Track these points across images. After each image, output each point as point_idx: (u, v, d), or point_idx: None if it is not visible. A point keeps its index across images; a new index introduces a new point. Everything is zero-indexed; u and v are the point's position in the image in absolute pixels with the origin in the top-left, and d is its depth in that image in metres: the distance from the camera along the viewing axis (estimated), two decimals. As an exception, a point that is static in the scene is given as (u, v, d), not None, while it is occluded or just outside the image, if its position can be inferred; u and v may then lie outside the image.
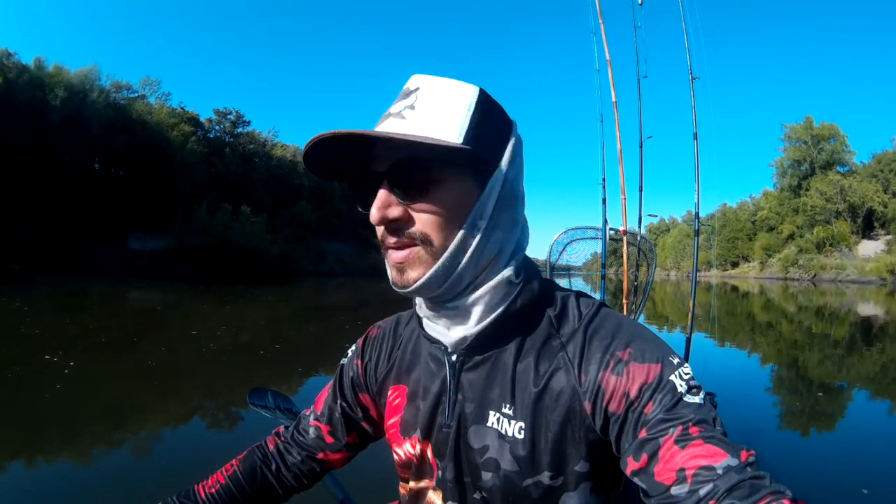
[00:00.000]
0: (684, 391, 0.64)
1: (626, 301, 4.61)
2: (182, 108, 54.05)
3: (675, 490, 0.57)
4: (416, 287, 0.71)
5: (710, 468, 0.56)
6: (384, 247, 0.74)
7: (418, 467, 0.84)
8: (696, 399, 0.64)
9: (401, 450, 0.86)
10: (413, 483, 0.86)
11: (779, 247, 66.65)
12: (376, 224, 0.72)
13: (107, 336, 9.45)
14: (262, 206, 53.79)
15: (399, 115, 0.70)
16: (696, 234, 4.78)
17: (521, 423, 0.72)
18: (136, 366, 6.82)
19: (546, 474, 0.72)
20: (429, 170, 0.69)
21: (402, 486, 0.90)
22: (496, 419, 0.75)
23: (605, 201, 4.72)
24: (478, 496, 0.77)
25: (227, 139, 59.49)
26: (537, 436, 0.72)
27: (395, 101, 0.73)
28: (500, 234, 0.74)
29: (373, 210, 0.70)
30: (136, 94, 49.04)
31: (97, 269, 31.37)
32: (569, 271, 5.22)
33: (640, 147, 5.07)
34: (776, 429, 5.07)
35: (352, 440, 0.98)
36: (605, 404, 0.68)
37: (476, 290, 0.74)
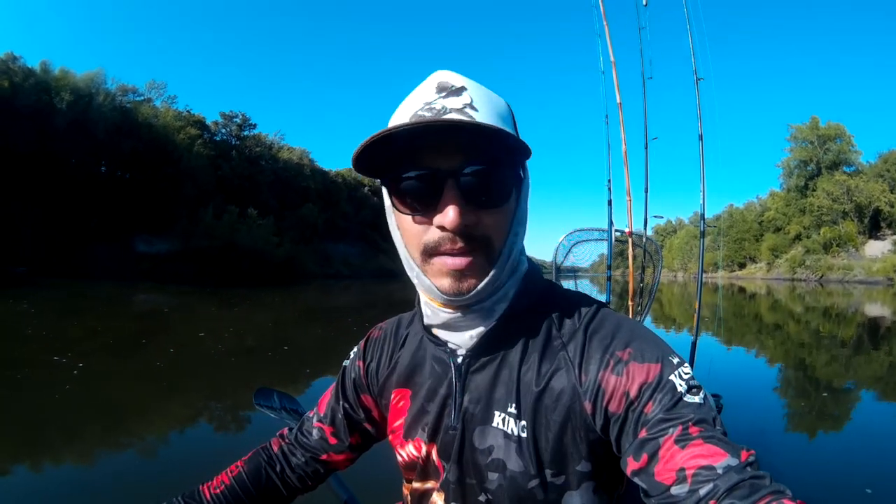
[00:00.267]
0: (684, 391, 0.64)
1: (631, 302, 4.60)
2: (188, 111, 54.13)
3: (675, 490, 0.57)
4: (471, 294, 0.70)
5: (710, 468, 0.56)
6: (437, 252, 0.69)
7: (423, 468, 0.84)
8: (696, 399, 0.64)
9: (404, 451, 0.86)
10: (417, 484, 0.86)
11: (786, 247, 66.35)
12: (453, 231, 0.66)
13: (114, 338, 9.48)
14: (269, 208, 53.69)
15: (462, 111, 0.66)
16: (701, 235, 4.76)
17: (524, 423, 0.73)
18: (145, 367, 6.85)
19: (548, 472, 0.72)
20: (503, 174, 0.68)
21: (406, 487, 0.90)
22: (501, 419, 0.75)
23: (610, 203, 4.70)
24: (483, 498, 0.77)
25: (234, 142, 59.53)
26: (539, 436, 0.72)
27: (440, 97, 0.68)
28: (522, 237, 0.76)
29: (450, 214, 0.65)
30: (142, 98, 49.08)
31: (103, 271, 31.36)
32: (575, 273, 5.21)
33: (646, 148, 5.05)
34: (782, 429, 5.05)
35: (355, 441, 0.98)
36: (605, 404, 0.68)
37: (498, 292, 0.74)
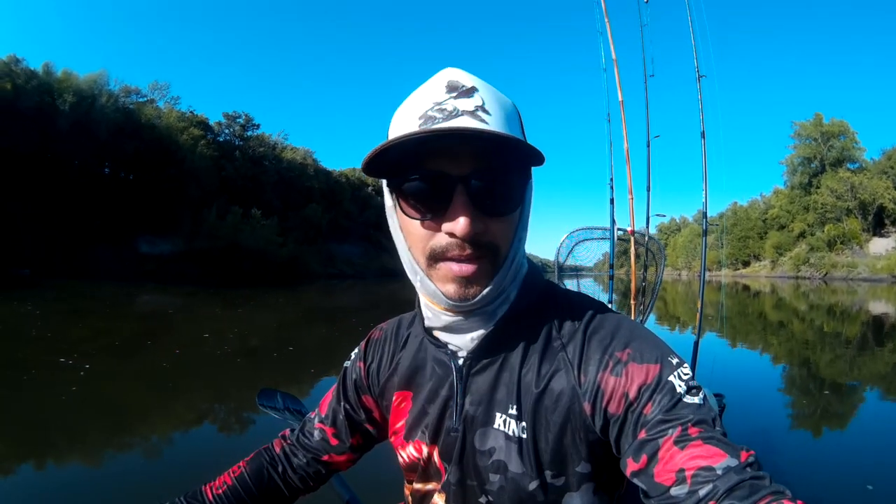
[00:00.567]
0: (683, 392, 0.64)
1: (634, 302, 4.59)
2: (191, 111, 54.13)
3: (674, 491, 0.57)
4: (477, 300, 0.70)
5: (710, 469, 0.56)
6: (444, 258, 0.68)
7: (424, 470, 0.84)
8: (696, 399, 0.64)
9: (405, 452, 0.86)
10: (419, 485, 0.86)
11: (790, 245, 66.05)
12: (462, 238, 0.65)
13: (119, 339, 9.51)
14: (272, 208, 53.83)
15: (474, 114, 0.64)
16: (704, 233, 4.75)
17: (525, 424, 0.73)
18: (150, 368, 6.86)
19: (548, 473, 0.72)
20: (513, 181, 0.68)
21: (407, 488, 0.90)
22: (503, 421, 0.74)
23: (612, 201, 4.69)
24: (483, 500, 0.77)
25: (237, 142, 59.54)
26: (539, 437, 0.72)
27: (450, 97, 0.66)
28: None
29: (461, 222, 0.64)
30: (145, 99, 49.13)
31: (106, 272, 31.37)
32: (578, 272, 5.21)
33: (648, 146, 5.04)
34: (785, 428, 5.03)
35: (356, 442, 0.98)
36: (604, 405, 0.68)
37: (501, 295, 0.74)
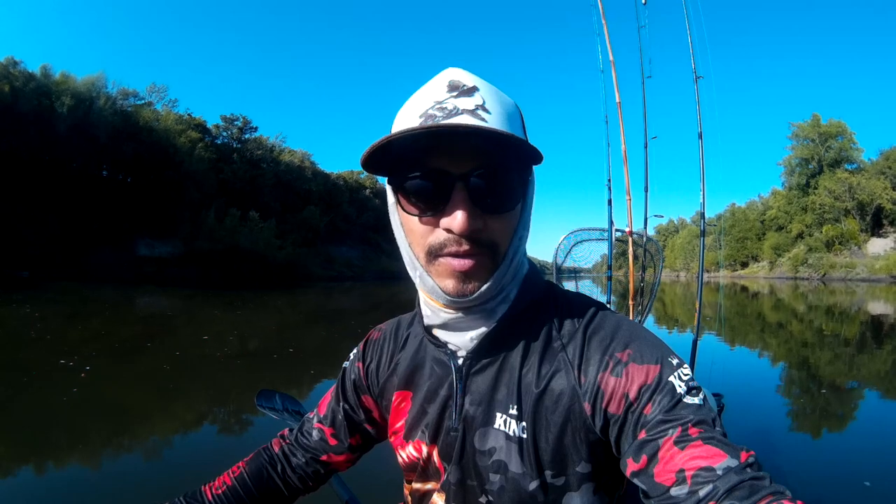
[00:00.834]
0: (683, 392, 0.64)
1: (632, 302, 4.59)
2: (189, 114, 54.08)
3: (674, 491, 0.57)
4: (475, 296, 0.70)
5: (710, 469, 0.56)
6: (442, 254, 0.69)
7: (424, 469, 0.84)
8: (696, 400, 0.64)
9: (405, 452, 0.86)
10: (418, 485, 0.86)
11: (788, 246, 66.16)
12: (460, 234, 0.66)
13: (119, 341, 9.48)
14: (271, 211, 53.78)
15: (474, 113, 0.65)
16: (702, 234, 4.75)
17: (525, 424, 0.73)
18: (150, 370, 6.84)
19: (548, 474, 0.72)
20: (512, 179, 0.68)
21: (407, 488, 0.90)
22: (503, 421, 0.74)
23: (610, 202, 4.69)
24: (483, 500, 0.77)
25: (235, 145, 59.59)
26: (539, 437, 0.72)
27: (451, 96, 0.67)
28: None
29: (458, 219, 0.65)
30: (143, 101, 48.92)
31: (105, 274, 31.26)
32: (576, 273, 5.21)
33: (646, 147, 5.04)
34: (785, 428, 5.03)
35: (355, 442, 0.98)
36: (604, 405, 0.68)
37: (500, 294, 0.75)
